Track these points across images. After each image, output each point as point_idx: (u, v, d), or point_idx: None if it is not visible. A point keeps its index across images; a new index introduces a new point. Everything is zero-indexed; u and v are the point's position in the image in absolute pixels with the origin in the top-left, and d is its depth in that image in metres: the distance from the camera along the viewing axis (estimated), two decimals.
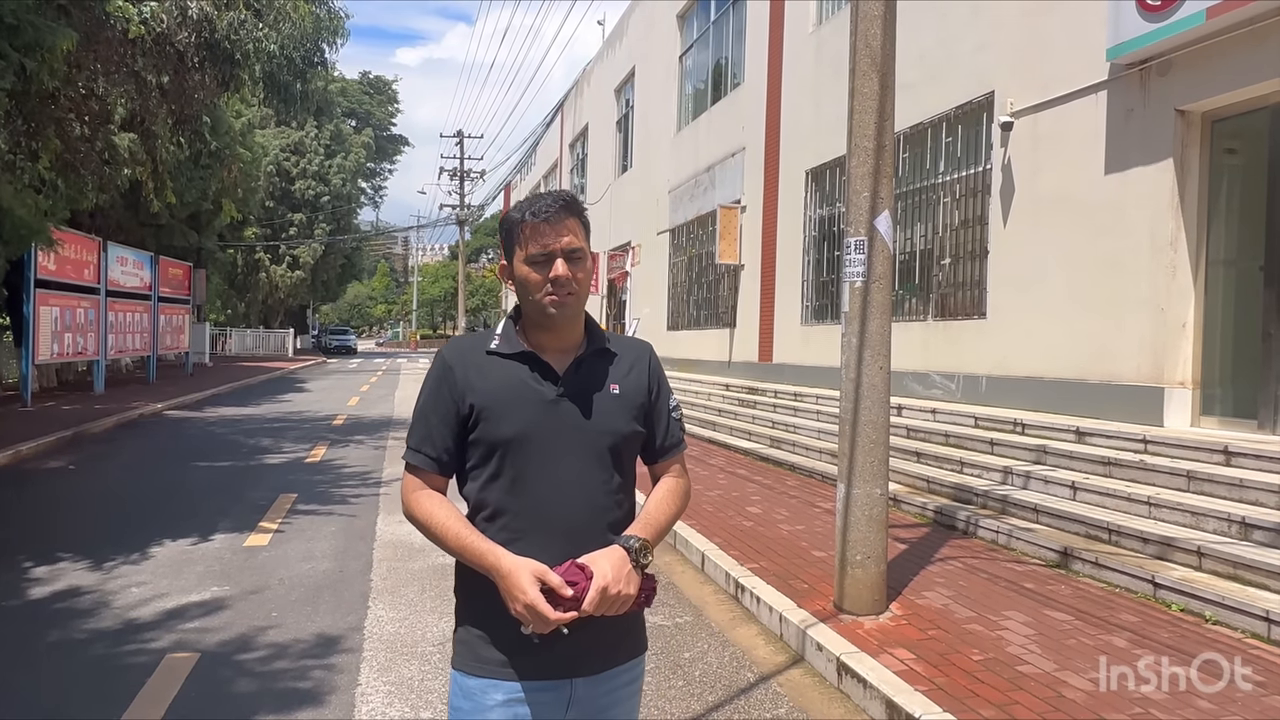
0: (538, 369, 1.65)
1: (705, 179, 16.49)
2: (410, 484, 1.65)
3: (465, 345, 1.71)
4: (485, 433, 1.61)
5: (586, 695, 1.61)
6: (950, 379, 9.01)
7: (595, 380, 1.69)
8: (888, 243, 4.29)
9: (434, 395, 1.65)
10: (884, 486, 4.37)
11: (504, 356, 1.66)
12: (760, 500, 7.35)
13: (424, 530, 1.61)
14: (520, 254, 1.64)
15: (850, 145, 4.36)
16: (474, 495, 1.64)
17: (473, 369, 1.64)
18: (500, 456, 1.61)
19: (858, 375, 4.32)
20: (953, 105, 9.19)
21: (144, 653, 4.12)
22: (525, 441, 1.60)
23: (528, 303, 1.66)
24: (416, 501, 1.63)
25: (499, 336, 1.69)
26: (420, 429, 1.65)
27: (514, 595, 1.47)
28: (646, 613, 1.59)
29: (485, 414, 1.61)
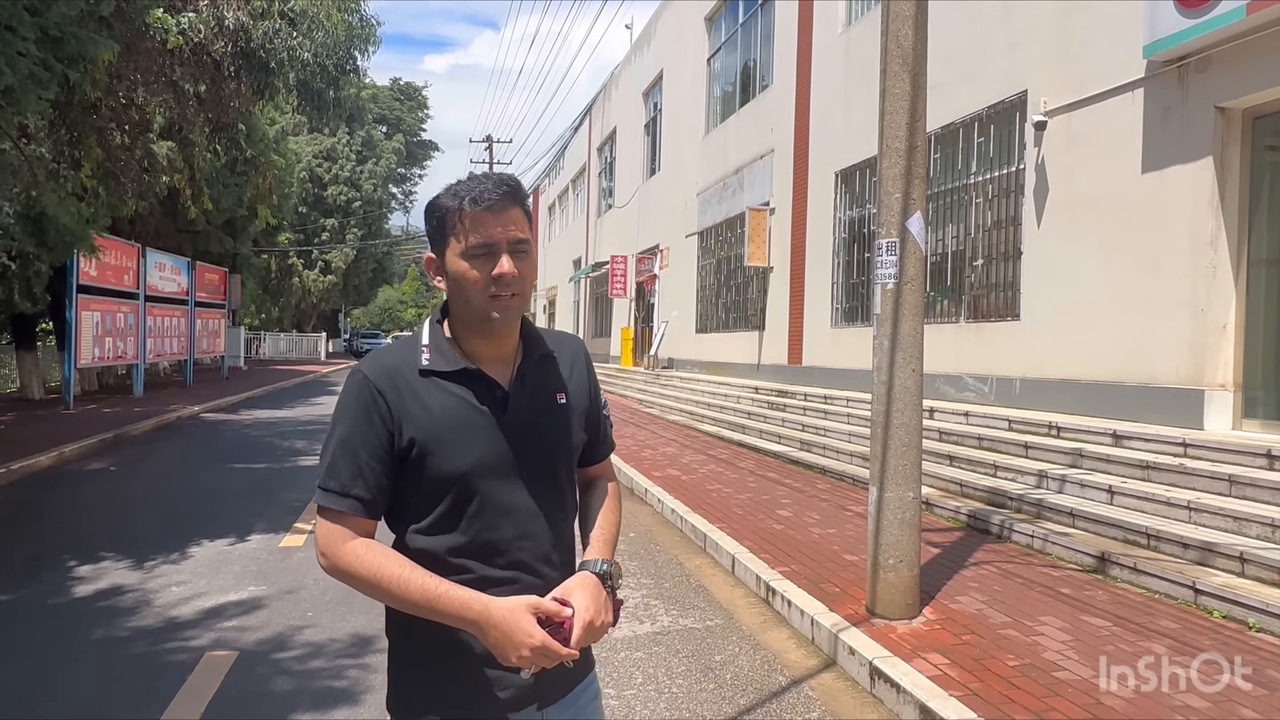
0: (482, 389, 1.45)
1: (734, 181, 16.46)
2: (334, 534, 1.39)
3: (391, 363, 1.45)
4: (432, 469, 1.40)
5: (555, 717, 1.49)
6: (983, 381, 8.91)
7: (542, 392, 1.52)
8: (920, 244, 4.26)
9: (361, 426, 1.39)
10: (917, 490, 4.33)
11: (442, 376, 1.44)
12: (791, 503, 7.31)
13: (368, 587, 1.37)
14: (457, 246, 1.40)
15: (882, 146, 4.34)
16: (419, 541, 1.42)
17: (407, 394, 1.41)
18: (453, 494, 1.41)
19: (890, 378, 4.29)
20: (984, 105, 9.09)
21: (184, 650, 4.20)
22: (480, 475, 1.42)
23: (464, 305, 1.43)
24: (353, 555, 1.37)
25: (428, 349, 1.46)
26: (346, 466, 1.39)
27: (516, 641, 1.31)
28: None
29: (431, 448, 1.40)
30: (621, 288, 24.61)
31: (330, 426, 1.44)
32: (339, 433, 1.41)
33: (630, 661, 4.10)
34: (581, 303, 32.70)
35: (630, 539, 6.57)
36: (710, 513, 6.90)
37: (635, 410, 16.29)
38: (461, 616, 1.34)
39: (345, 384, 1.46)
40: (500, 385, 1.47)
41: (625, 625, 4.60)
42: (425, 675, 1.46)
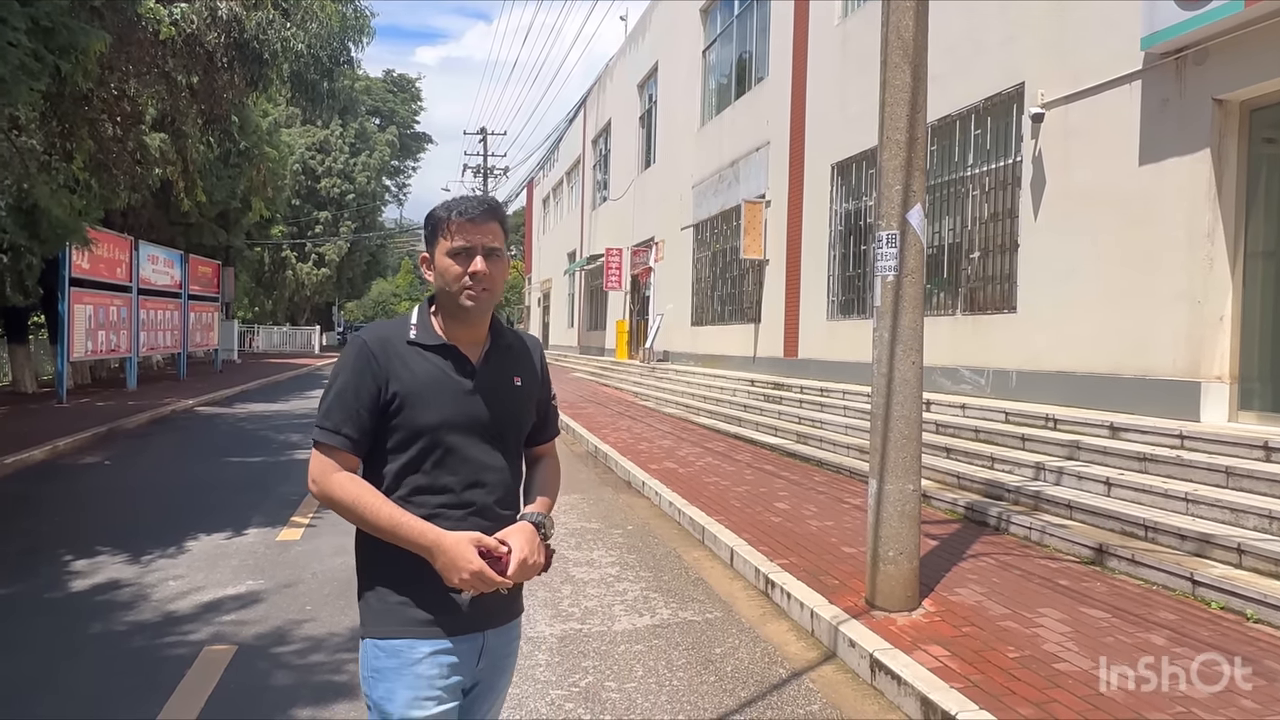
0: (455, 361, 1.79)
1: (729, 174, 16.43)
2: (325, 465, 1.70)
3: (386, 333, 1.79)
4: (407, 420, 1.72)
5: (494, 645, 1.81)
6: (980, 374, 8.92)
7: (502, 373, 1.85)
8: (920, 236, 4.25)
9: (356, 379, 1.72)
10: (916, 482, 4.33)
11: (425, 348, 1.77)
12: (788, 496, 7.32)
13: (347, 511, 1.68)
14: (444, 245, 1.76)
15: (882, 138, 4.32)
16: (390, 476, 1.74)
17: (395, 358, 1.74)
18: (421, 442, 1.73)
19: (890, 370, 4.28)
20: (982, 97, 9.09)
21: (183, 645, 4.19)
22: (445, 429, 1.74)
23: (445, 294, 1.78)
24: (339, 484, 1.68)
25: (416, 327, 1.79)
26: (340, 410, 1.71)
27: (459, 566, 1.62)
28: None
29: (409, 402, 1.72)
30: (617, 280, 24.58)
31: (330, 379, 1.77)
32: (338, 384, 1.74)
33: (630, 655, 4.10)
34: (576, 295, 32.64)
35: (628, 532, 6.57)
36: (708, 505, 6.90)
37: (631, 403, 16.28)
38: (418, 542, 1.64)
39: (346, 347, 1.82)
40: (470, 361, 1.80)
41: (625, 618, 4.60)
42: (398, 590, 1.74)
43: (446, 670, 1.72)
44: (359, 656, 1.78)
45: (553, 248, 38.66)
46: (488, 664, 1.81)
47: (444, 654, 1.72)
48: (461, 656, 1.75)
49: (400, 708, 1.70)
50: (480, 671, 1.80)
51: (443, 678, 1.72)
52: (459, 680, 1.75)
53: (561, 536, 6.37)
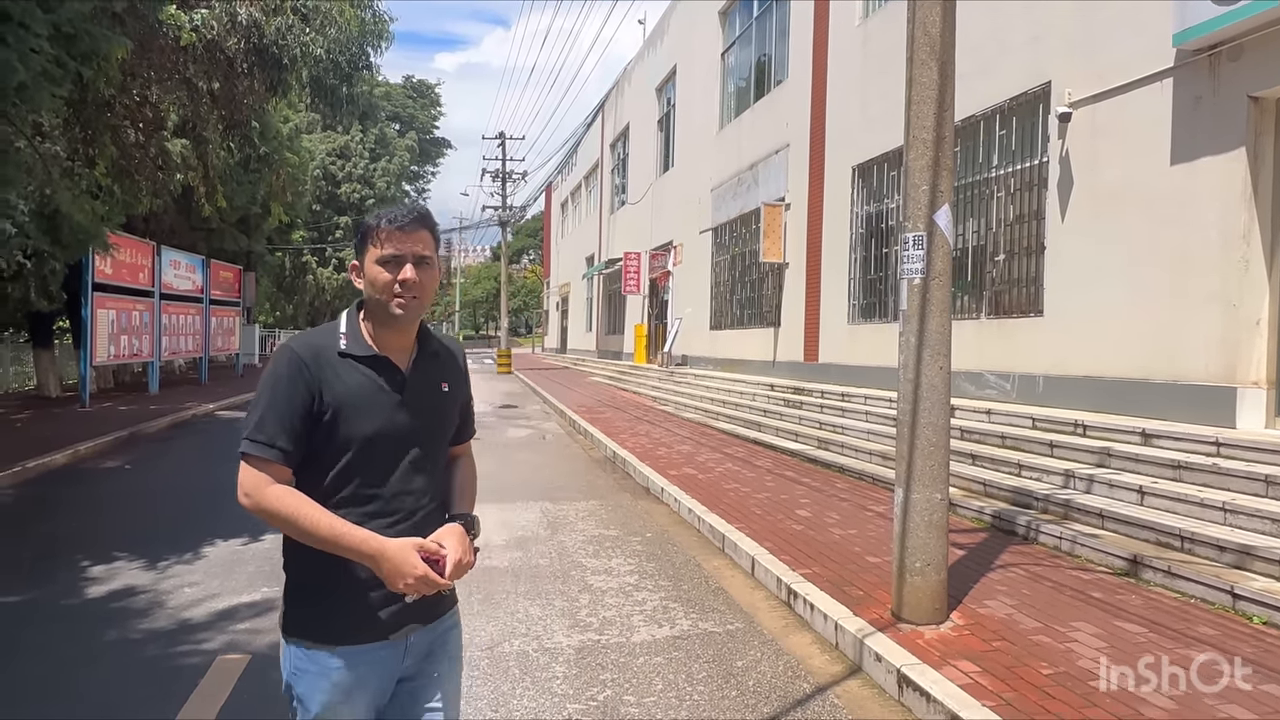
0: (386, 372, 1.81)
1: (748, 177, 16.32)
2: (258, 478, 1.70)
3: (316, 344, 1.79)
4: (340, 431, 1.74)
5: (419, 642, 1.85)
6: (1005, 379, 8.75)
7: (431, 380, 1.89)
8: (948, 237, 4.13)
9: (289, 390, 1.72)
10: (944, 491, 4.21)
11: (356, 359, 1.79)
12: (810, 503, 7.20)
13: (284, 523, 1.69)
14: (373, 254, 1.77)
15: (908, 137, 4.21)
16: (321, 486, 1.75)
17: (327, 369, 1.75)
18: (355, 452, 1.76)
19: (916, 376, 4.16)
20: (1006, 97, 8.93)
21: (197, 653, 4.14)
22: (377, 438, 1.77)
23: (375, 302, 1.80)
24: (275, 496, 1.69)
25: (345, 336, 1.81)
26: (274, 422, 1.71)
27: (404, 572, 1.67)
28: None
29: (343, 414, 1.74)
30: (635, 284, 24.51)
31: (260, 388, 1.75)
32: (269, 395, 1.72)
33: (650, 667, 4.00)
34: (595, 300, 32.61)
35: (647, 539, 6.47)
36: (728, 512, 6.79)
37: (649, 408, 16.19)
38: (361, 551, 1.68)
39: (275, 356, 1.78)
40: (400, 370, 1.83)
41: (644, 628, 4.50)
42: (319, 602, 1.77)
43: (366, 676, 1.77)
44: (281, 650, 1.82)
45: (571, 252, 38.67)
46: (415, 660, 1.85)
47: (363, 662, 1.77)
48: (383, 660, 1.79)
49: (318, 708, 1.76)
50: (409, 668, 1.85)
51: (361, 684, 1.77)
52: (380, 683, 1.81)
53: (579, 544, 6.28)
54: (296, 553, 1.77)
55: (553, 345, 45.20)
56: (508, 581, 5.34)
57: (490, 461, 10.17)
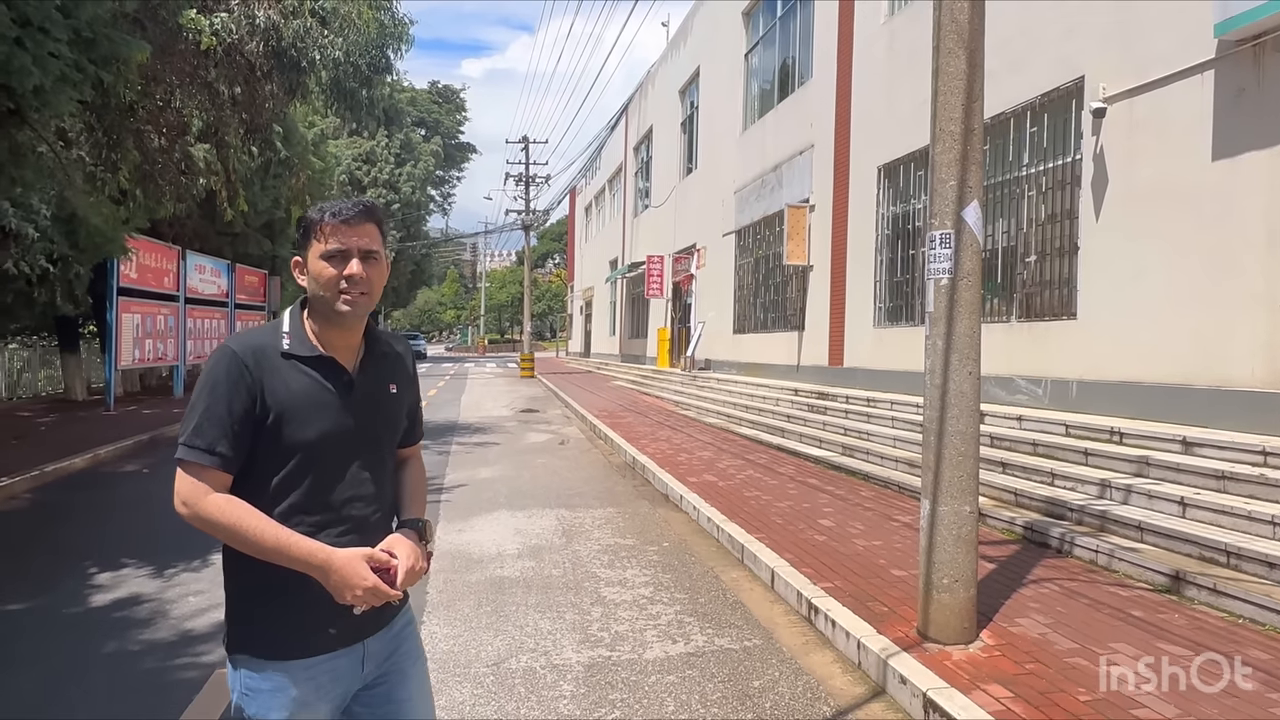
0: (332, 374, 1.72)
1: (772, 178, 16.09)
2: (196, 487, 1.61)
3: (257, 344, 1.69)
4: (285, 436, 1.65)
5: (377, 649, 1.79)
6: (1036, 384, 8.46)
7: (379, 381, 1.80)
8: (977, 235, 3.91)
9: (228, 393, 1.62)
10: (973, 503, 3.98)
11: (300, 359, 1.70)
12: (833, 512, 6.97)
13: (226, 534, 1.60)
14: (318, 248, 1.68)
15: (934, 130, 4.00)
16: (264, 494, 1.65)
17: (269, 371, 1.66)
18: (299, 458, 1.67)
19: (944, 381, 3.94)
20: (1038, 93, 8.65)
21: (194, 667, 4.02)
22: (323, 444, 1.68)
23: (319, 299, 1.70)
24: (215, 506, 1.60)
25: (288, 335, 1.71)
26: (213, 427, 1.62)
27: (352, 583, 1.60)
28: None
29: (286, 418, 1.65)
30: (658, 288, 24.34)
31: (198, 392, 1.65)
32: (207, 398, 1.62)
33: (662, 686, 3.81)
34: (618, 303, 32.49)
35: (664, 549, 6.28)
36: (748, 522, 6.58)
37: (671, 413, 15.99)
38: (308, 562, 1.60)
39: (214, 358, 1.67)
40: (347, 371, 1.75)
41: (657, 644, 4.32)
42: (268, 616, 1.68)
43: (325, 686, 1.70)
44: (228, 674, 1.72)
45: (595, 256, 38.59)
46: (376, 664, 1.80)
47: (320, 672, 1.69)
48: (341, 670, 1.73)
49: None
50: (371, 673, 1.79)
51: (319, 695, 1.70)
52: (341, 691, 1.74)
53: (594, 553, 6.11)
54: (240, 565, 1.67)
55: (576, 349, 45.15)
56: (518, 593, 5.18)
57: (507, 467, 10.04)
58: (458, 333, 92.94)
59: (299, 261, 1.74)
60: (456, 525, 6.94)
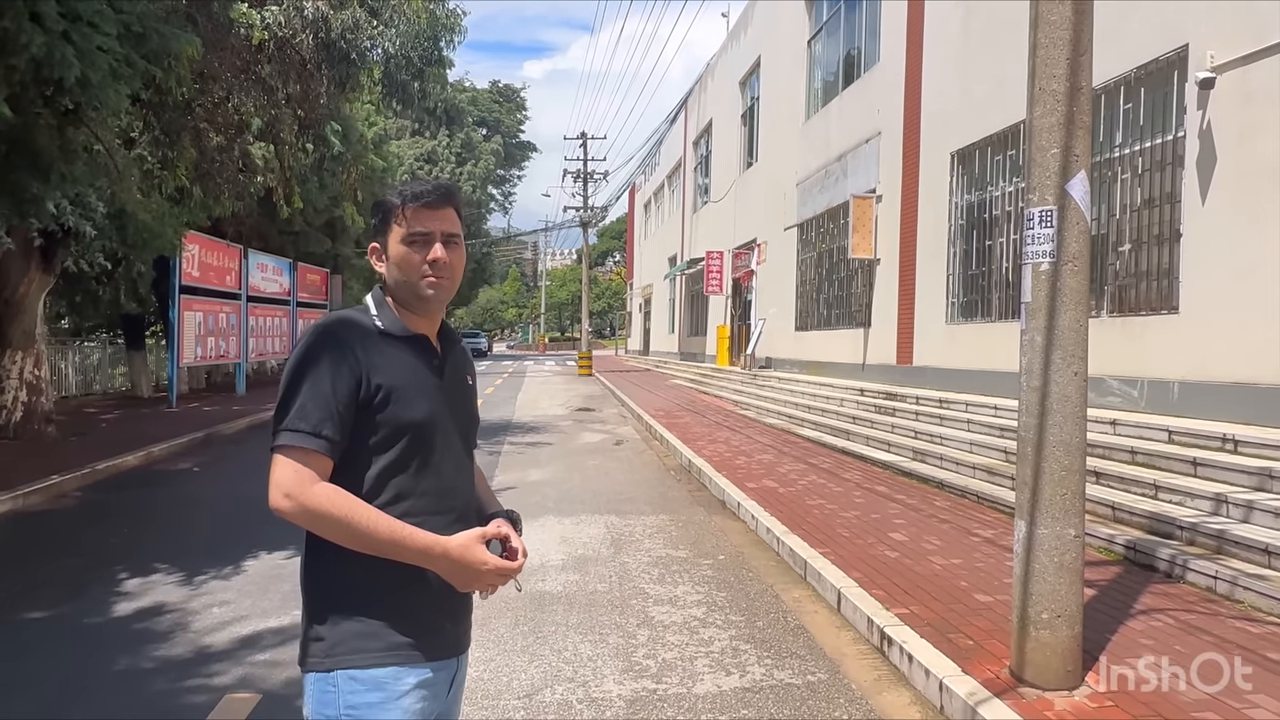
0: (427, 354, 1.64)
1: (836, 169, 15.42)
2: (302, 475, 1.45)
3: (355, 323, 1.59)
4: (393, 415, 1.54)
5: (460, 670, 1.67)
6: (1131, 385, 7.71)
7: (459, 368, 1.73)
8: (1084, 212, 3.34)
9: (332, 371, 1.50)
10: (1079, 526, 3.41)
11: (396, 338, 1.60)
12: (905, 525, 6.38)
13: (335, 527, 1.45)
14: (399, 233, 1.61)
15: (1033, 90, 3.43)
16: (370, 481, 1.53)
17: (372, 348, 1.56)
18: (407, 442, 1.56)
19: (1044, 383, 3.38)
20: (1133, 65, 7.88)
21: (205, 689, 3.70)
22: (430, 425, 1.58)
23: (402, 284, 1.62)
24: (324, 496, 1.45)
25: (378, 317, 1.61)
26: (318, 409, 1.47)
27: (477, 567, 1.51)
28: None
29: (394, 396, 1.54)
30: (718, 284, 23.79)
31: (294, 373, 1.50)
32: (312, 379, 1.48)
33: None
34: (677, 301, 32.02)
35: (719, 563, 5.80)
36: (811, 534, 6.05)
37: (729, 413, 15.46)
38: (428, 553, 1.49)
39: (311, 336, 1.53)
40: (438, 353, 1.67)
41: (709, 676, 3.85)
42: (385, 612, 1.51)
43: (429, 702, 1.55)
44: (311, 695, 1.50)
45: (654, 253, 38.17)
46: (454, 692, 1.67)
47: (427, 684, 1.54)
48: (438, 685, 1.58)
49: None
50: (447, 702, 1.64)
51: (426, 712, 1.54)
52: (435, 714, 1.58)
53: (643, 566, 5.67)
54: (339, 561, 1.50)
55: (635, 347, 44.81)
56: (559, 610, 4.76)
57: (558, 469, 9.67)
58: (518, 331, 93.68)
59: (377, 248, 1.64)
60: None
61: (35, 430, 10.52)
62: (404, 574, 1.50)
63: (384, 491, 1.53)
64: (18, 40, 6.60)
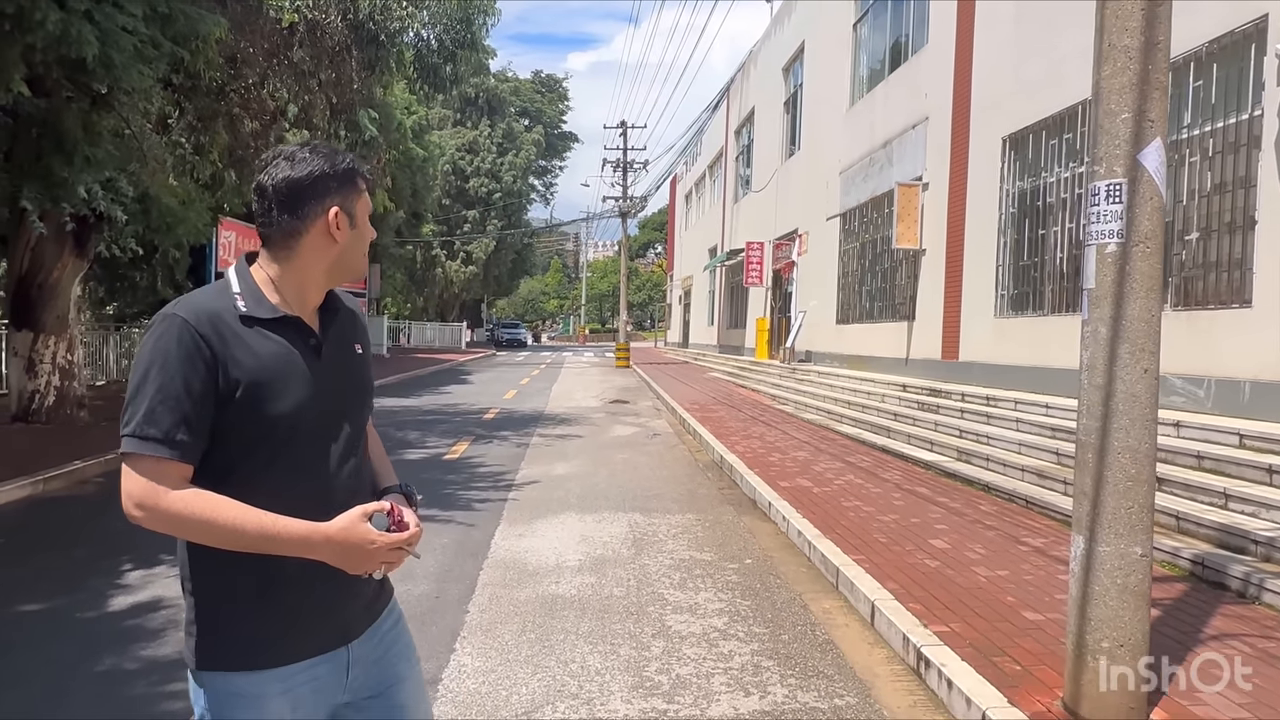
0: (299, 335, 1.50)
1: (881, 156, 14.87)
2: (151, 484, 1.37)
3: (209, 309, 1.43)
4: (255, 413, 1.43)
5: (363, 653, 1.58)
6: (1196, 384, 7.17)
7: (344, 340, 1.61)
8: (1159, 185, 2.93)
9: (185, 370, 1.38)
10: (1146, 544, 3.00)
11: (262, 323, 1.46)
12: (947, 530, 5.97)
13: (199, 531, 1.38)
14: (365, 207, 1.55)
15: (1100, 47, 3.02)
16: (235, 482, 1.42)
17: (231, 338, 1.42)
18: (274, 438, 1.45)
19: (1108, 381, 2.98)
20: (1203, 40, 7.30)
21: (184, 696, 3.46)
22: (300, 417, 1.46)
23: (350, 260, 1.55)
24: (182, 502, 1.37)
25: (242, 296, 1.47)
26: (169, 412, 1.37)
27: (363, 547, 1.43)
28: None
29: (258, 392, 1.42)
30: (758, 276, 23.30)
31: (142, 371, 1.39)
32: (157, 378, 1.38)
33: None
34: (717, 292, 31.57)
35: (745, 567, 5.45)
36: (845, 539, 5.67)
37: (766, 407, 15.05)
38: (306, 541, 1.40)
39: (157, 328, 1.41)
40: (314, 332, 1.54)
41: (725, 696, 3.52)
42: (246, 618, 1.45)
43: (305, 699, 1.49)
44: (190, 691, 1.49)
45: (694, 244, 37.75)
46: (363, 672, 1.58)
47: (298, 683, 1.47)
48: (321, 679, 1.51)
49: None
50: (356, 679, 1.56)
51: (298, 708, 1.48)
52: (320, 707, 1.52)
53: (664, 569, 5.34)
54: (206, 565, 1.44)
55: (675, 339, 44.44)
56: (570, 616, 4.47)
57: (585, 462, 9.39)
58: (559, 322, 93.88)
59: (340, 213, 1.49)
60: (517, 529, 6.30)
61: (67, 415, 10.55)
62: (264, 575, 1.43)
63: (253, 491, 1.40)
64: (33, 17, 6.48)
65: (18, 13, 6.54)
